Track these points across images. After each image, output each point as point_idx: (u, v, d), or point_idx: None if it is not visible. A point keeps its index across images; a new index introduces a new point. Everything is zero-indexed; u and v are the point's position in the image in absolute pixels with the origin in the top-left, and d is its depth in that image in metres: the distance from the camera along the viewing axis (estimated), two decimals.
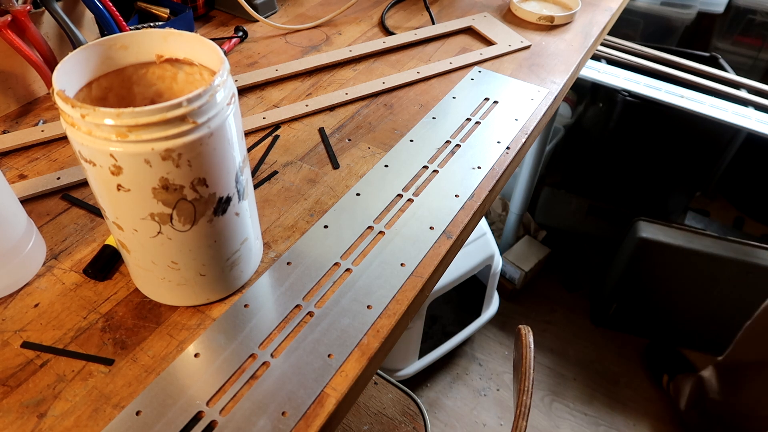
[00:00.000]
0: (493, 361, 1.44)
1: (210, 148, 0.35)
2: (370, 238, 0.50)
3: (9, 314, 0.43)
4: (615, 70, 1.29)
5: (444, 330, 1.35)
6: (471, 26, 0.82)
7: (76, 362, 0.40)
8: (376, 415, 0.82)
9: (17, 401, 0.38)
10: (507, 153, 0.60)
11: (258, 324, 0.43)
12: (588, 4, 0.90)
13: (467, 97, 0.68)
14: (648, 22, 1.66)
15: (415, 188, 0.55)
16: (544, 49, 0.78)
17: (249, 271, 0.46)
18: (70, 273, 0.46)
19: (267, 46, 0.77)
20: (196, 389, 0.39)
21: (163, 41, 0.40)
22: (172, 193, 0.35)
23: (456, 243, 0.51)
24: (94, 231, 0.50)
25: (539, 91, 0.69)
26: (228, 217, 0.40)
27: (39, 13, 0.62)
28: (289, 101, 0.67)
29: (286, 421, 0.37)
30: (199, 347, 0.41)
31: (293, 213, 0.53)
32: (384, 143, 0.61)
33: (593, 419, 1.33)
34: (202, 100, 0.34)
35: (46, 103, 0.64)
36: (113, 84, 0.41)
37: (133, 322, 0.43)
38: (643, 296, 1.41)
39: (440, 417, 1.32)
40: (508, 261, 1.54)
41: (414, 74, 0.71)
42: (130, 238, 0.38)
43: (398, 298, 0.45)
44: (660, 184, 1.51)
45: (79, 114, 0.32)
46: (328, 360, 0.41)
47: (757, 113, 1.21)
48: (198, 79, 0.42)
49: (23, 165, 0.56)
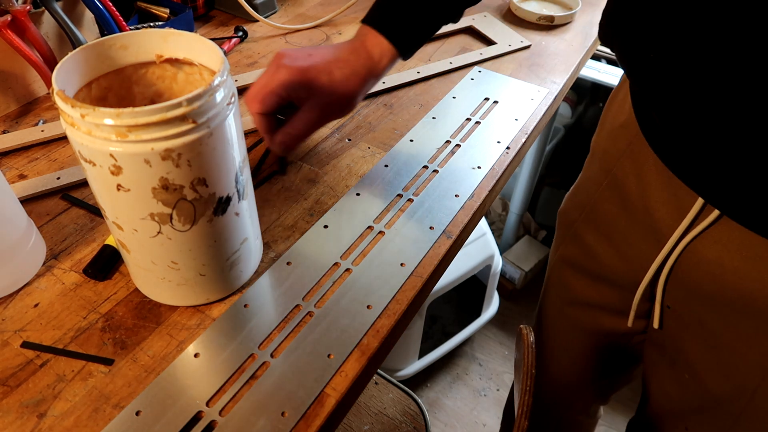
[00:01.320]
0: (493, 361, 1.44)
1: (210, 148, 0.35)
2: (370, 238, 0.50)
3: (9, 314, 0.43)
4: (615, 70, 1.29)
5: (444, 330, 1.35)
6: (471, 26, 0.82)
7: (76, 362, 0.40)
8: (376, 415, 0.82)
9: (17, 401, 0.38)
10: (507, 153, 0.60)
11: (258, 324, 0.43)
12: (588, 4, 0.90)
13: (467, 97, 0.68)
14: None
15: (415, 188, 0.55)
16: (544, 49, 0.78)
17: (249, 271, 0.46)
18: (70, 273, 0.46)
19: (267, 46, 0.77)
20: (195, 389, 0.39)
21: (163, 41, 0.40)
22: (172, 193, 0.35)
23: (456, 243, 0.51)
24: (94, 231, 0.50)
25: (539, 91, 0.69)
26: (228, 217, 0.40)
27: (39, 13, 0.62)
28: None
29: (285, 421, 0.37)
30: (199, 347, 0.41)
31: (293, 213, 0.52)
32: (384, 143, 0.61)
33: None
34: (201, 100, 0.34)
35: (46, 103, 0.64)
36: (113, 84, 0.41)
37: (133, 322, 0.43)
38: None
39: (440, 417, 1.32)
40: (508, 261, 1.54)
41: (414, 74, 0.71)
42: (130, 238, 0.38)
43: (398, 298, 0.45)
44: None
45: (79, 114, 0.32)
46: (328, 360, 0.41)
47: None
48: (198, 79, 0.42)
49: (23, 165, 0.56)
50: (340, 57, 0.50)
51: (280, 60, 0.48)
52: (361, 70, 0.50)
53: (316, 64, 0.48)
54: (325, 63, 0.49)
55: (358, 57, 0.50)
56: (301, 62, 0.48)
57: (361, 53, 0.50)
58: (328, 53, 0.50)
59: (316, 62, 0.49)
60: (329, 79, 0.49)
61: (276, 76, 0.47)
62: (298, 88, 0.48)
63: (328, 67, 0.49)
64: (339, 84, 0.49)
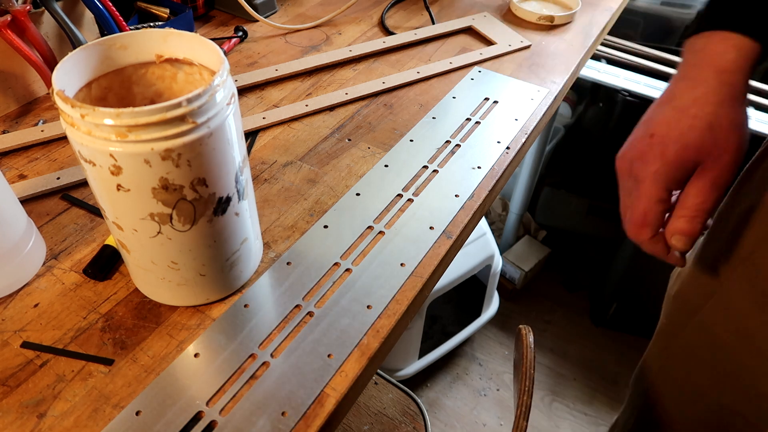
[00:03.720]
0: (493, 361, 1.44)
1: (210, 148, 0.35)
2: (370, 238, 0.50)
3: (9, 314, 0.43)
4: (615, 70, 1.29)
5: (444, 330, 1.35)
6: (471, 26, 0.82)
7: (76, 362, 0.40)
8: (376, 415, 0.82)
9: (17, 401, 0.38)
10: (507, 153, 0.60)
11: (258, 324, 0.43)
12: (588, 4, 0.90)
13: (467, 97, 0.68)
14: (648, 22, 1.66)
15: (415, 188, 0.55)
16: (544, 49, 0.78)
17: (249, 271, 0.46)
18: (70, 273, 0.46)
19: (267, 46, 0.77)
20: (195, 389, 0.39)
21: (162, 41, 0.40)
22: (172, 193, 0.35)
23: (456, 243, 0.51)
24: (94, 231, 0.50)
25: (539, 91, 0.69)
26: (228, 217, 0.40)
27: (39, 13, 0.62)
28: (289, 101, 0.67)
29: (285, 421, 0.37)
30: (199, 347, 0.41)
31: (293, 213, 0.52)
32: (384, 143, 0.61)
33: (593, 419, 1.33)
34: (201, 100, 0.34)
35: (46, 103, 0.64)
36: (113, 84, 0.41)
37: (133, 322, 0.43)
38: (643, 296, 1.41)
39: (440, 417, 1.32)
40: (508, 261, 1.54)
41: (414, 74, 0.71)
42: (130, 238, 0.38)
43: (398, 298, 0.45)
44: None
45: (79, 114, 0.32)
46: (328, 360, 0.41)
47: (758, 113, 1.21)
48: (198, 79, 0.42)
49: (23, 165, 0.56)
50: (684, 97, 0.38)
51: (634, 170, 0.39)
52: (714, 95, 0.38)
53: (670, 132, 0.38)
54: (674, 120, 0.38)
55: (705, 79, 0.38)
56: (659, 149, 0.38)
57: (703, 73, 0.39)
58: (666, 109, 0.39)
59: (671, 130, 0.38)
60: (690, 125, 0.38)
61: (649, 192, 0.38)
62: (680, 177, 0.38)
63: (682, 118, 0.38)
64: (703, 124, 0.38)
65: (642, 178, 0.39)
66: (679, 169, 0.38)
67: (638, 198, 0.39)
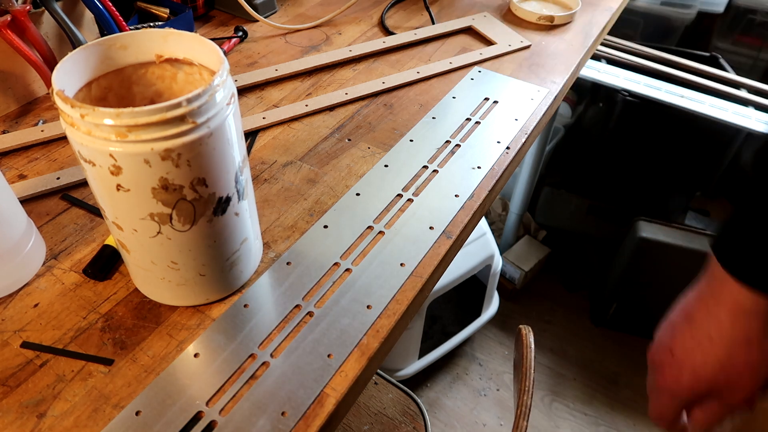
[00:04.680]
0: (493, 361, 1.44)
1: (209, 148, 0.35)
2: (369, 238, 0.50)
3: (9, 314, 0.43)
4: (615, 70, 1.29)
5: (444, 330, 1.35)
6: (471, 26, 0.82)
7: (76, 362, 0.40)
8: (376, 415, 0.82)
9: (17, 401, 0.38)
10: (507, 153, 0.60)
11: (258, 324, 0.43)
12: (588, 4, 0.90)
13: (467, 97, 0.68)
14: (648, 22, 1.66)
15: (415, 188, 0.55)
16: (544, 49, 0.78)
17: (249, 271, 0.46)
18: (70, 273, 0.46)
19: (267, 46, 0.77)
20: (195, 389, 0.39)
21: (162, 41, 0.40)
22: (172, 193, 0.35)
23: (456, 243, 0.51)
24: (94, 231, 0.50)
25: (539, 91, 0.69)
26: (228, 217, 0.40)
27: (39, 13, 0.62)
28: (289, 101, 0.67)
29: (285, 421, 0.37)
30: (199, 347, 0.41)
31: (293, 213, 0.53)
32: (384, 143, 0.61)
33: (593, 419, 1.33)
34: (201, 100, 0.34)
35: (46, 103, 0.64)
36: (113, 84, 0.41)
37: (133, 322, 0.43)
38: (643, 296, 1.41)
39: (440, 417, 1.32)
40: (508, 261, 1.54)
41: (414, 74, 0.71)
42: (130, 238, 0.38)
43: (398, 298, 0.45)
44: (660, 184, 1.51)
45: (79, 114, 0.32)
46: (328, 360, 0.41)
47: (757, 113, 1.21)
48: (198, 79, 0.42)
49: (23, 165, 0.56)
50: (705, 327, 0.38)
51: (656, 372, 0.39)
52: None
53: (686, 359, 0.38)
54: (690, 350, 0.38)
55: (719, 318, 0.38)
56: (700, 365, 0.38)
57: (718, 310, 0.38)
58: (686, 329, 0.39)
59: (686, 358, 0.37)
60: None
61: (665, 401, 0.39)
62: (695, 399, 0.39)
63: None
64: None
65: (660, 387, 0.40)
66: (693, 396, 0.39)
67: (657, 397, 0.40)
